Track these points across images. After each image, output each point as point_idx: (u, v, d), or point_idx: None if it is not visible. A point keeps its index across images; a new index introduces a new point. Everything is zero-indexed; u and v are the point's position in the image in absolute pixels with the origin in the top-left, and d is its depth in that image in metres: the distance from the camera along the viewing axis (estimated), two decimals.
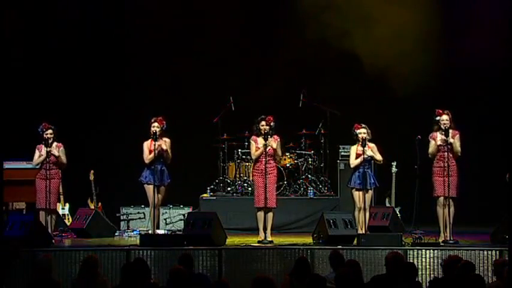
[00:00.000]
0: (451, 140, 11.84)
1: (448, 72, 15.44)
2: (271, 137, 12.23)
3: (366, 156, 12.18)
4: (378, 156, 12.36)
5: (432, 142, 12.00)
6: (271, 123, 12.24)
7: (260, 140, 12.24)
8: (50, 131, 12.37)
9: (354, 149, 12.39)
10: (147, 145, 12.31)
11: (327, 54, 15.38)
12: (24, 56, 15.39)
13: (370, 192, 12.29)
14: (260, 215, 12.20)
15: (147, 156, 12.26)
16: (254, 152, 12.33)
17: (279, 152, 12.43)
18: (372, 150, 12.31)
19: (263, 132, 12.17)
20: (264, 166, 12.10)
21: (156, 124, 12.27)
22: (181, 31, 16.03)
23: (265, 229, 12.13)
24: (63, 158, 12.38)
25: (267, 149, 12.15)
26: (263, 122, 12.25)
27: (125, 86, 16.12)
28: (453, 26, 15.36)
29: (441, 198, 11.90)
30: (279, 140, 12.31)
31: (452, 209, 11.86)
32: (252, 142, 12.35)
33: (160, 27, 15.82)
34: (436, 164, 11.99)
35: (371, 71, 14.90)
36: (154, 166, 12.15)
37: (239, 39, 15.80)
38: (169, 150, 12.28)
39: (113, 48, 16.02)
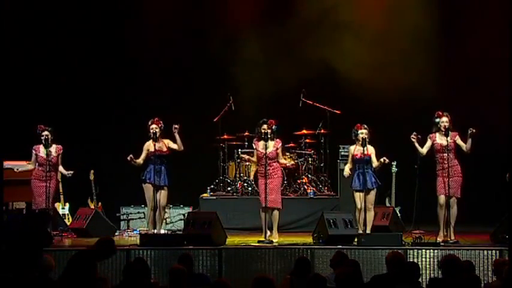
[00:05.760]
0: (462, 144, 11.92)
1: (448, 71, 15.46)
2: (272, 140, 12.23)
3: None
4: (375, 163, 12.29)
5: (428, 143, 12.01)
6: (273, 127, 12.24)
7: (261, 143, 12.26)
8: (46, 132, 12.42)
9: (352, 150, 12.35)
10: (147, 146, 12.33)
11: (326, 55, 15.38)
12: (24, 56, 15.39)
13: (372, 192, 12.20)
14: (262, 214, 12.22)
15: (141, 158, 12.26)
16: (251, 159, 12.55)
17: (282, 160, 12.44)
18: (371, 155, 12.27)
19: (263, 135, 12.17)
20: (264, 169, 12.11)
21: (154, 126, 12.30)
22: (182, 31, 16.04)
23: (269, 229, 12.14)
24: (60, 162, 12.47)
25: (268, 152, 12.15)
26: (265, 126, 12.26)
27: (125, 86, 16.12)
28: (452, 26, 15.43)
29: (441, 198, 11.91)
30: (280, 143, 12.32)
31: (454, 209, 11.87)
32: (254, 146, 12.40)
33: (161, 26, 15.81)
34: (437, 166, 12.00)
35: (370, 71, 14.97)
36: (155, 166, 12.17)
37: (239, 39, 15.79)
38: (176, 146, 12.28)
39: (113, 47, 16.01)
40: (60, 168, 12.60)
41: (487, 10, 14.81)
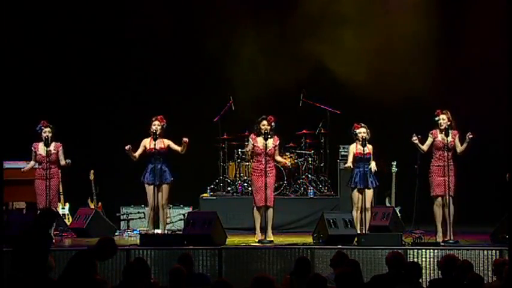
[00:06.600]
0: (458, 144, 11.90)
1: (448, 71, 15.47)
2: (271, 137, 12.21)
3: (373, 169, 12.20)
4: (372, 163, 12.31)
5: (429, 140, 12.01)
6: (272, 123, 12.23)
7: (260, 140, 12.24)
8: (48, 129, 12.35)
9: (353, 149, 12.34)
10: (144, 143, 12.31)
11: (327, 55, 15.38)
12: (24, 56, 15.39)
13: (371, 191, 12.22)
14: (257, 214, 12.19)
15: (137, 153, 12.24)
16: (247, 150, 12.43)
17: (278, 157, 12.42)
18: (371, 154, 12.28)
19: (263, 132, 12.15)
20: (263, 166, 12.09)
21: (157, 122, 12.25)
22: (182, 30, 16.04)
23: (263, 228, 12.11)
24: (62, 158, 12.38)
25: (268, 150, 12.14)
26: (264, 122, 12.22)
27: (125, 86, 16.12)
28: (451, 27, 15.46)
29: (440, 198, 11.91)
30: (278, 141, 12.31)
31: (452, 208, 11.86)
32: (250, 140, 12.34)
33: (161, 26, 15.81)
34: (434, 163, 11.99)
35: (370, 71, 14.98)
36: (154, 165, 12.16)
37: (239, 39, 15.79)
38: (179, 149, 12.30)
39: (114, 47, 16.01)
40: (62, 162, 12.43)
41: (487, 11, 14.81)
